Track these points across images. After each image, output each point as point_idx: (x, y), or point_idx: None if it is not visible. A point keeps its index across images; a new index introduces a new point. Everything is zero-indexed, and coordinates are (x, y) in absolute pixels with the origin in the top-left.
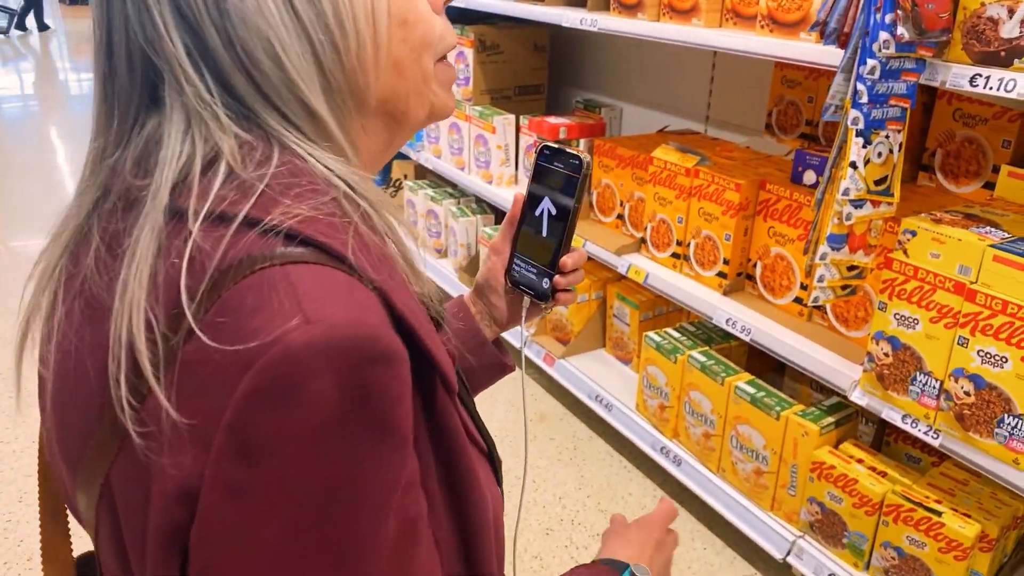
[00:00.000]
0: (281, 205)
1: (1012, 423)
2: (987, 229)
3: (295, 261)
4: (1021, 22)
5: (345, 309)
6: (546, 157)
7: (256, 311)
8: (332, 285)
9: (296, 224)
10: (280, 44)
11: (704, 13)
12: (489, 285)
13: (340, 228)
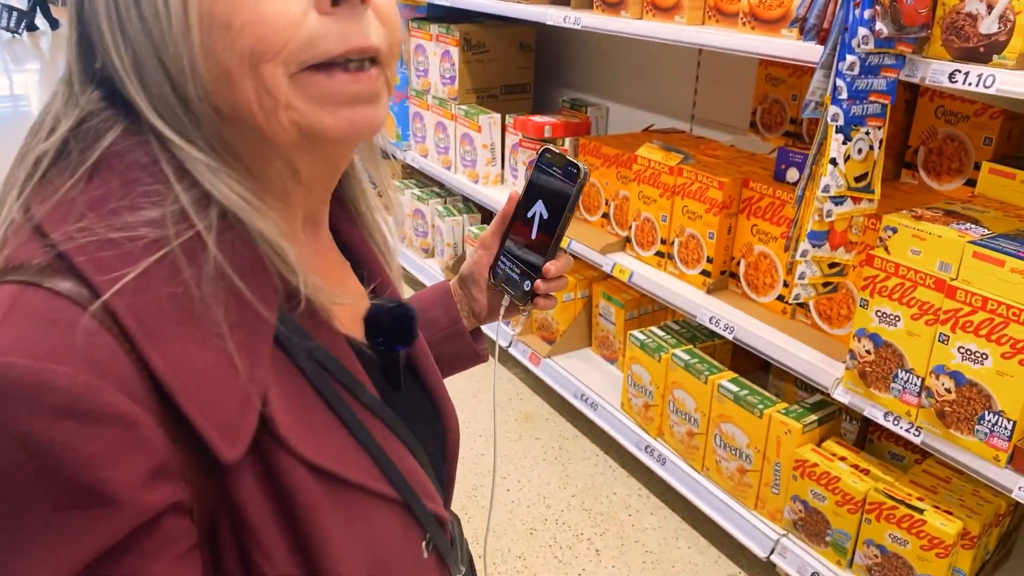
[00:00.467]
0: (83, 220)
1: (992, 420)
2: (967, 226)
3: (36, 283)
4: (1000, 18)
5: (43, 349)
6: (546, 161)
7: None
8: (53, 321)
9: (76, 248)
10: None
11: (687, 11)
12: (472, 278)
13: (129, 258)
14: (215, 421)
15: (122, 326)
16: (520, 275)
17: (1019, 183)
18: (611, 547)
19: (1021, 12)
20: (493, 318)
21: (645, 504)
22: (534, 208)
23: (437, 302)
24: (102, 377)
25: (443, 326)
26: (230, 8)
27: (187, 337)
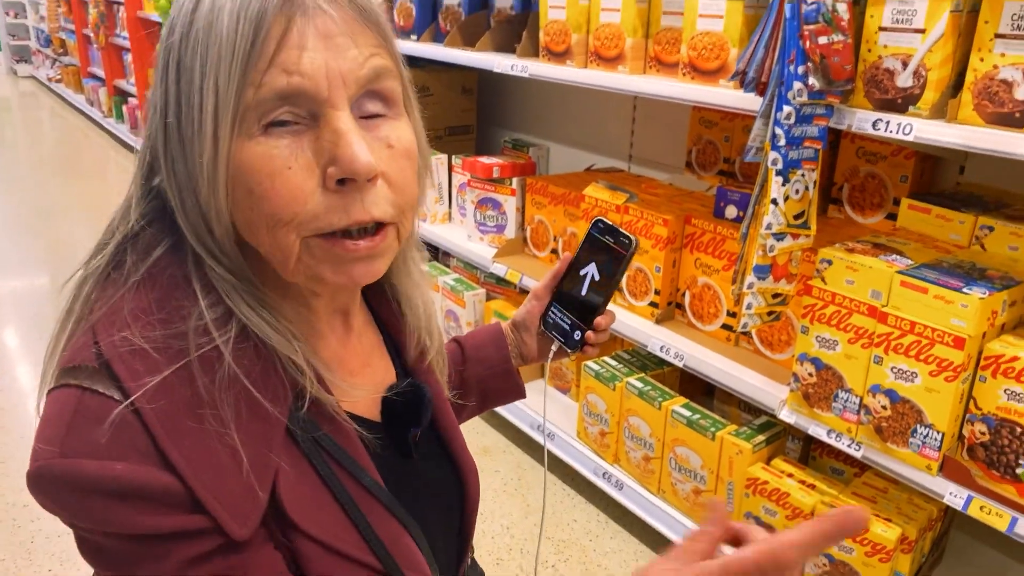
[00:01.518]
0: (126, 329)
1: (924, 432)
2: (894, 257)
3: (91, 389)
4: (914, 73)
5: (103, 447)
6: (599, 230)
7: (44, 423)
8: (92, 418)
9: (116, 355)
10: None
11: (629, 61)
12: (524, 324)
13: (155, 366)
14: (225, 505)
15: (147, 426)
16: (571, 325)
17: (934, 217)
18: (574, 572)
19: (932, 69)
20: (540, 360)
21: (604, 529)
22: (586, 269)
23: (491, 342)
24: (147, 461)
25: (495, 363)
26: (252, 179)
27: (199, 436)
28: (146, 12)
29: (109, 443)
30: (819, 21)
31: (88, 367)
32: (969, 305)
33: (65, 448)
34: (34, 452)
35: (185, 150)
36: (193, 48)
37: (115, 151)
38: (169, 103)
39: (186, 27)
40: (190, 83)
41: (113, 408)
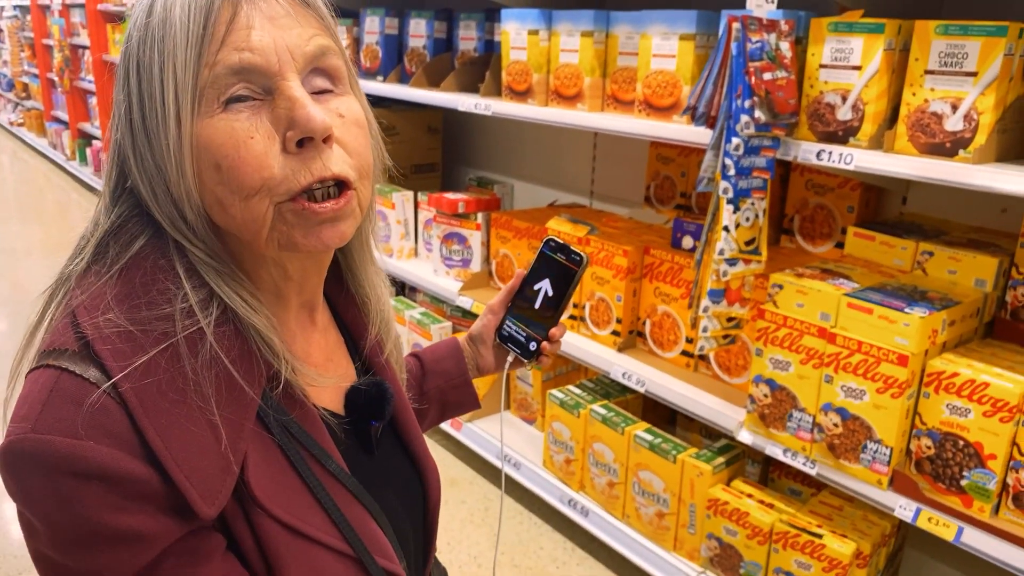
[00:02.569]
0: (110, 312)
1: (874, 448)
2: (841, 281)
3: (69, 370)
4: (852, 107)
5: (76, 426)
6: (551, 248)
7: (20, 403)
8: (81, 402)
9: (99, 337)
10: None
11: (588, 99)
12: (481, 338)
13: (141, 347)
14: (196, 484)
15: (127, 405)
16: (526, 337)
17: (878, 244)
18: None
19: (869, 103)
20: (496, 371)
21: (571, 556)
22: (539, 284)
23: (449, 355)
24: (119, 445)
25: (454, 376)
26: (219, 152)
27: (180, 414)
28: (112, 56)
29: (84, 423)
30: (763, 58)
31: (68, 350)
32: (911, 324)
33: (38, 425)
34: (7, 431)
35: (151, 141)
36: (150, 46)
37: (78, 194)
38: (132, 102)
39: (142, 30)
40: (150, 78)
41: (90, 390)
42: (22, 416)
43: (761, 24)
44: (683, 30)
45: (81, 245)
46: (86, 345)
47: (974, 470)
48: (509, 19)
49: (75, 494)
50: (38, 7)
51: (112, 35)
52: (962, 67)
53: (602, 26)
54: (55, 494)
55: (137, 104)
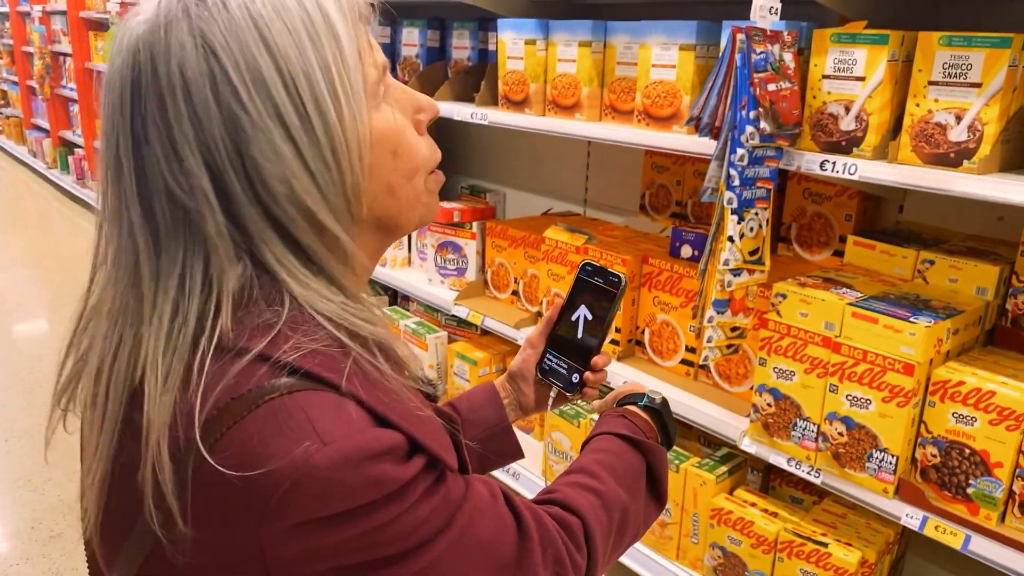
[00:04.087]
0: (291, 339)
1: (879, 457)
2: (844, 290)
3: (300, 389)
4: (856, 118)
5: (351, 424)
6: (587, 272)
7: (275, 436)
8: (334, 405)
9: (299, 358)
10: (293, 182)
11: (586, 109)
12: (521, 374)
13: (338, 358)
14: (439, 446)
15: (360, 400)
16: (568, 369)
17: (878, 253)
18: None
19: (872, 113)
20: (540, 408)
21: None
22: (578, 312)
23: (487, 403)
24: (382, 427)
25: (492, 423)
26: (393, 140)
27: (394, 399)
28: (94, 63)
29: (345, 421)
30: (767, 69)
31: (275, 381)
32: (917, 333)
33: (325, 438)
34: (290, 463)
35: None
36: (298, 54)
37: (59, 202)
38: (281, 113)
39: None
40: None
41: (330, 396)
42: (295, 439)
43: (765, 35)
44: (683, 40)
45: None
46: (292, 372)
47: (980, 478)
48: (505, 29)
49: (378, 471)
50: (17, 14)
51: (95, 42)
52: (966, 78)
53: (600, 36)
54: (365, 481)
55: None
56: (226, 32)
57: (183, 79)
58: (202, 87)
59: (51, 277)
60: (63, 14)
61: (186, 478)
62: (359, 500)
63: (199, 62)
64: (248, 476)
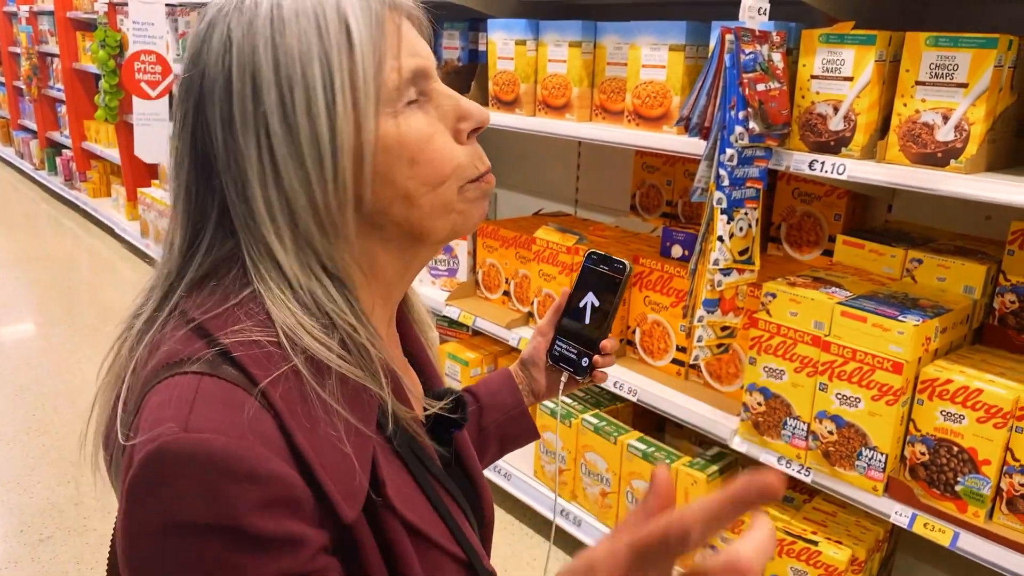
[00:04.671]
0: (240, 324)
1: (869, 455)
2: (833, 289)
3: (211, 374)
4: (844, 118)
5: (228, 426)
6: (593, 261)
7: (158, 408)
8: (230, 404)
9: (234, 344)
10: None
11: (576, 109)
12: (533, 361)
13: (276, 359)
14: (340, 487)
15: (275, 409)
16: (577, 354)
17: (867, 252)
18: None
19: (860, 113)
20: (552, 394)
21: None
22: (585, 299)
23: (504, 387)
24: (269, 448)
25: (510, 407)
26: (413, 149)
27: (317, 420)
28: (82, 64)
29: (235, 424)
30: (756, 70)
31: (201, 358)
32: (905, 332)
33: (190, 426)
34: (150, 436)
35: (305, 152)
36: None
37: (47, 203)
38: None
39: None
40: (308, 87)
41: (235, 392)
42: (167, 418)
43: (754, 35)
44: (673, 41)
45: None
46: (221, 354)
47: (968, 475)
48: (496, 29)
49: (226, 493)
50: (4, 14)
51: (83, 43)
52: (953, 78)
53: (590, 36)
54: (204, 494)
55: (284, 116)
56: (245, 30)
57: (208, 68)
58: (215, 78)
59: (39, 279)
60: (51, 14)
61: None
62: (187, 511)
63: (220, 54)
64: (131, 440)
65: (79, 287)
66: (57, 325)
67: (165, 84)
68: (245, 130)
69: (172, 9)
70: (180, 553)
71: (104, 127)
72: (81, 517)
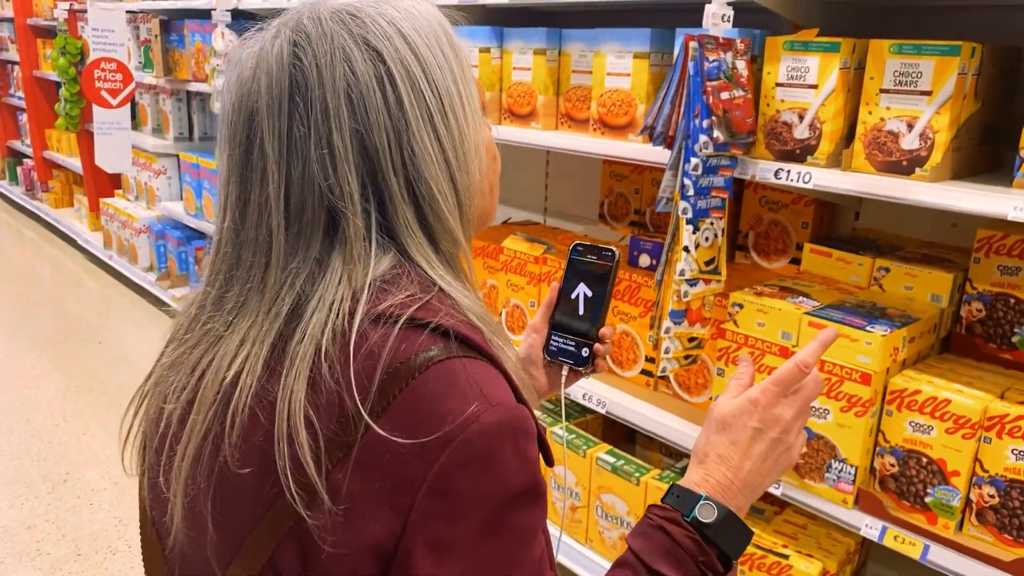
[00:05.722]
0: (442, 310)
1: (838, 467)
2: (800, 299)
3: (467, 355)
4: (809, 126)
5: (508, 395)
6: (579, 252)
7: (446, 396)
8: (492, 375)
9: (455, 324)
10: (439, 184)
11: (541, 118)
12: (530, 359)
13: (483, 336)
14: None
15: (511, 381)
16: (576, 346)
17: (835, 260)
18: None
19: (826, 121)
20: (554, 390)
21: None
22: (577, 290)
23: None
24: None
25: None
26: (492, 148)
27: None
28: (43, 72)
29: (507, 392)
30: (720, 78)
31: (435, 347)
32: (873, 342)
33: (493, 400)
34: (468, 417)
35: (457, 149)
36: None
37: (7, 214)
38: (428, 114)
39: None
40: (450, 92)
41: (486, 365)
42: (466, 398)
43: (717, 43)
44: (637, 48)
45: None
46: (452, 335)
47: (938, 487)
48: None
49: (530, 454)
50: None
51: (43, 50)
52: (917, 86)
53: (555, 44)
54: (518, 457)
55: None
56: (385, 40)
57: (354, 81)
58: (371, 90)
59: None
60: (10, 21)
61: (350, 450)
62: (503, 475)
63: (367, 64)
64: (419, 440)
65: (40, 299)
66: (15, 339)
67: (126, 92)
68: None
69: (134, 16)
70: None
71: (66, 136)
72: (34, 541)
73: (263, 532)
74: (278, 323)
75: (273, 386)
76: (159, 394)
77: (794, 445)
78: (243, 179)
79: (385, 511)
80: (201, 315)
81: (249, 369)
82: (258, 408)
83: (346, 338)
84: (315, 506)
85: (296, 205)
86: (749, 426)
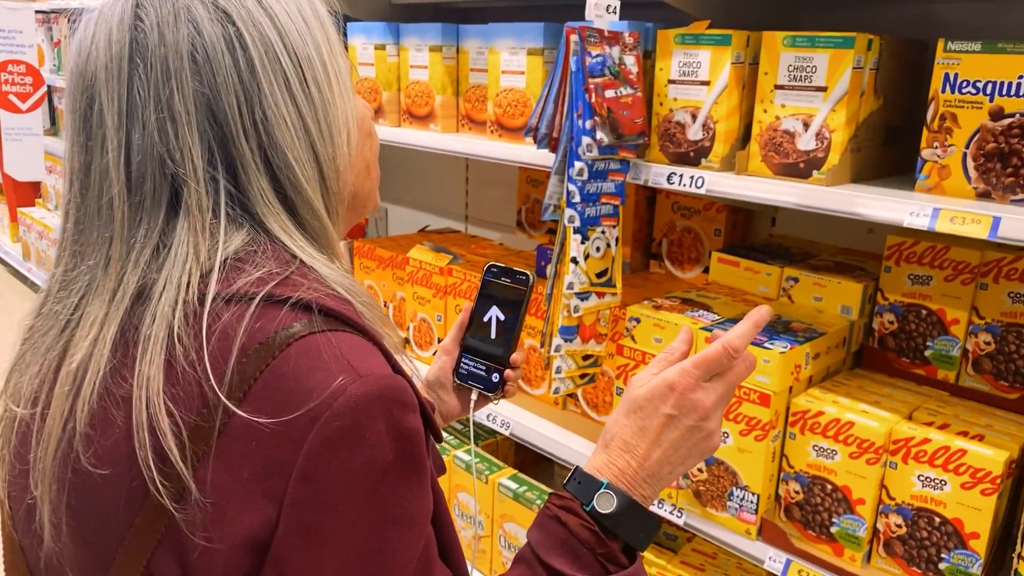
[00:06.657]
0: (304, 285)
1: (740, 495)
2: (700, 312)
3: (332, 329)
4: (703, 126)
5: (380, 366)
6: (493, 274)
7: (310, 371)
8: (362, 345)
9: (319, 298)
10: (297, 153)
11: (440, 119)
12: (439, 382)
13: (352, 307)
14: (430, 409)
15: (385, 351)
16: (487, 370)
17: (743, 270)
18: None
19: (719, 121)
20: (461, 414)
21: None
22: (489, 313)
23: None
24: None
25: None
26: (367, 125)
27: (392, 343)
28: None
29: (380, 363)
30: (605, 74)
31: (300, 321)
32: (771, 360)
33: (362, 371)
34: (333, 391)
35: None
36: (311, 40)
37: None
38: (301, 88)
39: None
40: (316, 63)
41: (356, 336)
42: (331, 372)
43: (602, 36)
44: (531, 44)
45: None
46: (317, 308)
47: (843, 516)
48: (355, 32)
49: (407, 427)
50: None
51: None
52: (811, 81)
53: (451, 41)
54: (392, 431)
55: (308, 88)
56: (235, 1)
57: (200, 42)
58: (219, 51)
59: None
60: None
61: (211, 439)
62: (379, 450)
63: (214, 25)
64: (284, 419)
65: None
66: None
67: (37, 96)
68: (271, 99)
69: (46, 16)
70: (389, 492)
71: None
72: None
73: (135, 540)
74: (124, 304)
75: (127, 374)
76: (12, 389)
77: (715, 431)
78: (84, 147)
79: (258, 499)
80: (49, 298)
81: (96, 355)
82: (112, 399)
83: (199, 319)
84: (184, 499)
85: (137, 173)
86: (661, 411)
